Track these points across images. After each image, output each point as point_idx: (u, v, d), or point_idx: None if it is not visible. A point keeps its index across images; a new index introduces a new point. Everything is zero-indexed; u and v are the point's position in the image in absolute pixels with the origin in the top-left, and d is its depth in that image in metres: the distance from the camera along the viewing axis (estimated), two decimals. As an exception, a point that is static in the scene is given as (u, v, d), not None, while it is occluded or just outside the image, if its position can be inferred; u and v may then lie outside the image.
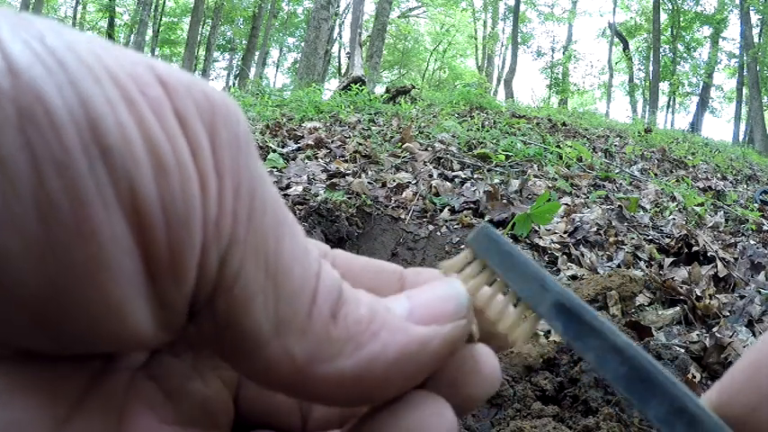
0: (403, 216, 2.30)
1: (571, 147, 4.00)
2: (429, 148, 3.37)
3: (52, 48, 0.13)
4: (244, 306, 0.15)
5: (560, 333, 0.19)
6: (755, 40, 18.98)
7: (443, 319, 0.18)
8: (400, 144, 3.39)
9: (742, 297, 1.76)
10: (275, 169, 2.61)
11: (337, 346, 0.17)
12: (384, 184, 2.58)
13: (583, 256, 2.01)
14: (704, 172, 5.18)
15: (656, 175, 4.40)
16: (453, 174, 2.94)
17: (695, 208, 3.13)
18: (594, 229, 2.23)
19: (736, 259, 2.14)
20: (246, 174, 0.15)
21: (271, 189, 0.16)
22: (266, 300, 0.16)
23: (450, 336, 0.18)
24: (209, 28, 21.05)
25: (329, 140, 3.37)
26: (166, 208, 0.14)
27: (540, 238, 2.09)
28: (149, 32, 19.65)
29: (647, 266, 2.06)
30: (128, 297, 0.14)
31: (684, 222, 2.72)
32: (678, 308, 1.65)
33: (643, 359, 0.18)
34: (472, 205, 2.39)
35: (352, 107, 5.31)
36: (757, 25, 20.41)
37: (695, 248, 2.13)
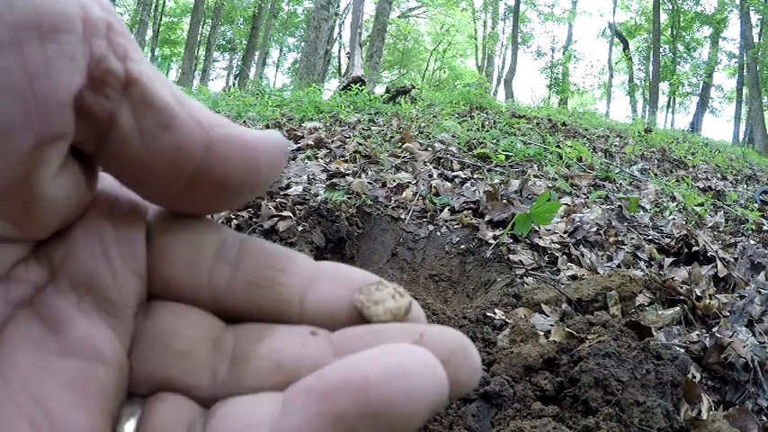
0: (403, 216, 2.30)
1: (571, 147, 4.00)
2: (429, 148, 3.37)
3: None
4: (152, 89, 0.19)
5: None
6: (755, 40, 18.97)
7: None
8: (400, 144, 3.39)
9: (742, 297, 1.76)
10: (275, 169, 2.61)
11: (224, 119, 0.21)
12: (384, 184, 2.58)
13: (583, 256, 2.01)
14: (704, 172, 5.18)
15: (656, 175, 4.39)
16: (453, 174, 2.94)
17: (695, 208, 3.13)
18: (594, 229, 2.23)
19: (736, 259, 2.14)
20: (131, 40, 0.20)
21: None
22: (164, 85, 0.20)
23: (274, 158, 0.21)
24: (209, 28, 21.04)
25: (329, 140, 3.37)
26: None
27: (540, 238, 2.09)
28: (149, 32, 19.65)
29: (647, 266, 2.06)
30: (6, 91, 0.16)
31: (684, 222, 2.72)
32: (678, 308, 1.65)
33: None
34: (472, 205, 2.39)
35: (352, 107, 5.30)
36: (757, 25, 20.40)
37: (695, 248, 2.13)
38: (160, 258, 0.21)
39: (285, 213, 2.04)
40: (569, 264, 1.95)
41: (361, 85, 6.47)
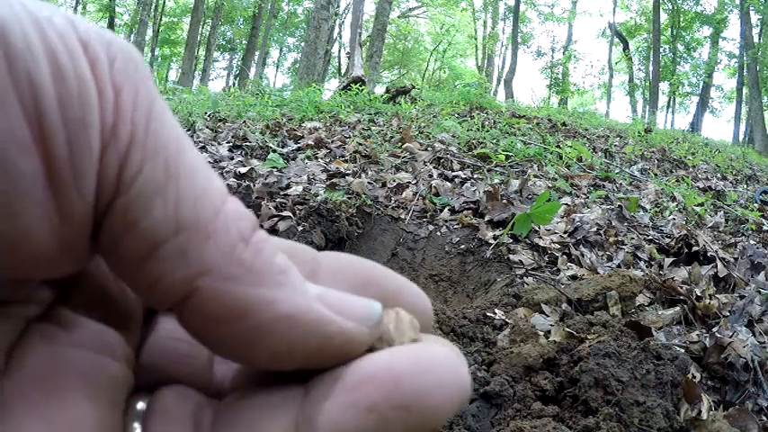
0: (403, 216, 2.30)
1: (571, 147, 4.00)
2: (429, 148, 3.37)
3: None
4: (143, 205, 0.16)
5: None
6: (755, 40, 18.97)
7: (349, 316, 0.18)
8: (400, 144, 3.39)
9: (742, 297, 1.76)
10: (275, 169, 2.61)
11: (237, 268, 0.17)
12: (384, 184, 2.58)
13: (583, 256, 2.01)
14: (704, 172, 5.18)
15: (656, 175, 4.39)
16: (453, 174, 2.94)
17: (695, 208, 3.13)
18: (594, 229, 2.23)
19: (736, 259, 2.14)
20: (144, 90, 0.17)
21: (169, 114, 0.17)
22: (166, 201, 0.16)
23: (349, 333, 0.18)
24: (209, 28, 21.04)
25: (329, 140, 3.37)
26: (64, 106, 0.15)
27: (540, 238, 2.09)
28: (149, 32, 19.65)
29: (647, 266, 2.06)
30: (26, 200, 0.15)
31: (684, 222, 2.72)
32: (678, 308, 1.65)
33: None
34: (472, 205, 2.39)
35: (352, 107, 5.31)
36: (757, 25, 20.40)
37: (695, 248, 2.13)
38: None
39: (285, 213, 2.04)
40: (569, 264, 1.95)
41: (361, 85, 6.47)
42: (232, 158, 2.84)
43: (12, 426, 0.16)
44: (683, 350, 1.35)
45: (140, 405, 0.19)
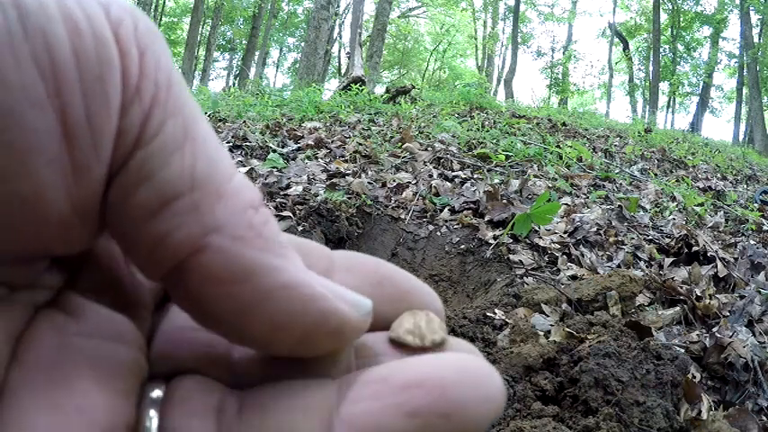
0: (403, 216, 2.30)
1: (571, 147, 4.00)
2: (429, 148, 3.37)
3: None
4: (162, 159, 0.16)
5: None
6: (755, 40, 18.97)
7: (342, 298, 0.18)
8: (400, 144, 3.39)
9: (742, 297, 1.76)
10: (275, 169, 2.61)
11: (247, 230, 0.17)
12: (384, 184, 2.58)
13: (583, 256, 2.01)
14: (704, 172, 5.18)
15: (656, 175, 4.40)
16: (453, 174, 2.94)
17: (695, 208, 3.13)
18: (594, 229, 2.23)
19: (736, 259, 2.14)
20: (165, 56, 0.17)
21: (185, 84, 0.18)
22: (183, 157, 0.16)
23: (344, 315, 0.18)
24: (209, 28, 21.04)
25: (329, 140, 3.37)
26: (80, 62, 0.15)
27: (540, 238, 2.09)
28: (149, 32, 19.59)
29: (647, 266, 2.06)
30: (40, 157, 0.15)
31: (684, 222, 2.72)
32: (678, 308, 1.65)
33: None
34: (472, 205, 2.39)
35: (352, 107, 5.31)
36: (757, 25, 20.40)
37: (695, 248, 2.13)
38: None
39: (285, 213, 2.04)
40: (569, 264, 1.95)
41: (361, 85, 6.47)
42: (232, 158, 2.83)
43: (21, 415, 0.15)
44: (683, 350, 1.35)
45: (156, 393, 0.18)
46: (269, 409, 0.17)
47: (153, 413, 0.17)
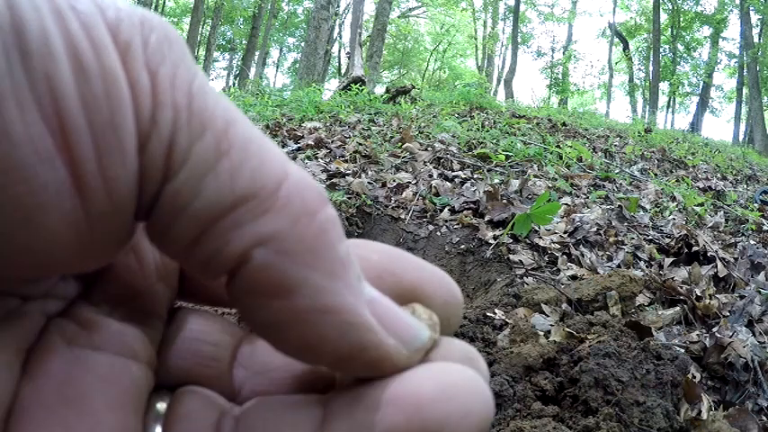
0: (403, 216, 2.30)
1: (571, 147, 4.00)
2: (429, 148, 3.37)
3: None
4: (193, 187, 0.15)
5: None
6: (755, 40, 18.97)
7: (393, 333, 0.17)
8: (400, 144, 3.39)
9: (742, 297, 1.76)
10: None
11: (296, 244, 0.15)
12: (384, 184, 2.58)
13: (583, 256, 2.01)
14: (704, 172, 5.18)
15: (656, 175, 4.40)
16: (453, 174, 2.94)
17: (695, 208, 3.13)
18: (594, 229, 2.23)
19: (736, 259, 2.14)
20: (182, 68, 0.16)
21: (211, 87, 0.16)
22: (218, 178, 0.15)
23: (386, 350, 0.17)
24: (209, 28, 21.05)
25: (329, 140, 3.37)
26: (89, 109, 0.14)
27: (540, 238, 2.09)
28: (149, 32, 19.59)
29: (647, 266, 2.06)
30: (50, 212, 0.14)
31: (684, 222, 2.72)
32: (678, 308, 1.65)
33: None
34: (472, 205, 2.39)
35: (352, 107, 5.31)
36: (757, 25, 20.40)
37: (695, 248, 2.13)
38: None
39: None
40: (569, 264, 1.95)
41: (361, 85, 6.47)
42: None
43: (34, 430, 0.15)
44: (683, 350, 1.35)
45: (160, 405, 0.18)
46: (259, 429, 0.18)
47: (158, 429, 0.18)
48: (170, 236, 0.16)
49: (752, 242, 2.41)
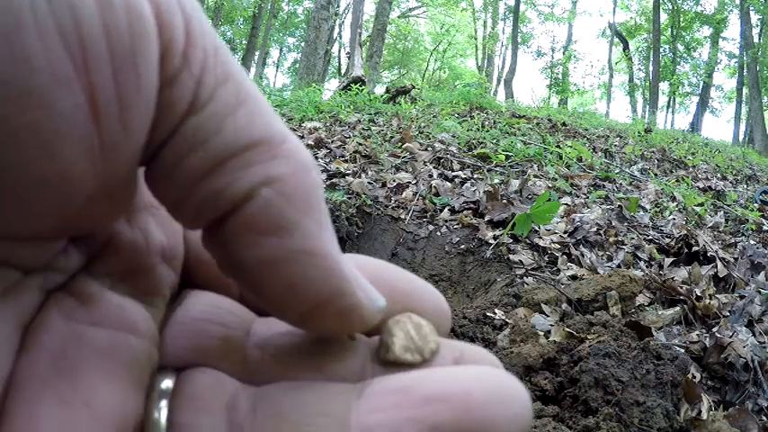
0: (403, 216, 2.30)
1: (571, 147, 4.00)
2: (429, 148, 3.37)
3: None
4: (216, 125, 0.16)
5: None
6: (755, 40, 18.97)
7: (361, 288, 0.18)
8: (400, 144, 3.39)
9: (742, 297, 1.76)
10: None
11: (296, 190, 0.17)
12: (384, 184, 2.58)
13: (583, 256, 2.01)
14: (704, 172, 5.18)
15: (656, 175, 4.40)
16: (453, 174, 2.94)
17: (695, 208, 3.13)
18: (594, 229, 2.23)
19: (736, 259, 2.14)
20: (208, 26, 0.17)
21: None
22: (236, 120, 0.16)
23: (358, 300, 0.18)
24: (209, 28, 21.02)
25: (329, 140, 3.37)
26: (110, 37, 0.14)
27: (540, 238, 2.09)
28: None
29: (647, 266, 2.06)
30: (67, 137, 0.14)
31: (684, 222, 2.72)
32: (678, 308, 1.65)
33: None
34: (472, 205, 2.39)
35: (352, 107, 5.31)
36: (757, 25, 20.40)
37: (695, 248, 2.13)
38: (196, 252, 0.21)
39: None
40: (569, 264, 1.95)
41: (361, 85, 6.47)
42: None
43: (27, 407, 0.15)
44: (683, 350, 1.35)
45: (165, 383, 0.18)
46: (286, 410, 0.17)
47: (163, 404, 0.17)
48: (180, 169, 0.16)
49: (752, 242, 2.41)
